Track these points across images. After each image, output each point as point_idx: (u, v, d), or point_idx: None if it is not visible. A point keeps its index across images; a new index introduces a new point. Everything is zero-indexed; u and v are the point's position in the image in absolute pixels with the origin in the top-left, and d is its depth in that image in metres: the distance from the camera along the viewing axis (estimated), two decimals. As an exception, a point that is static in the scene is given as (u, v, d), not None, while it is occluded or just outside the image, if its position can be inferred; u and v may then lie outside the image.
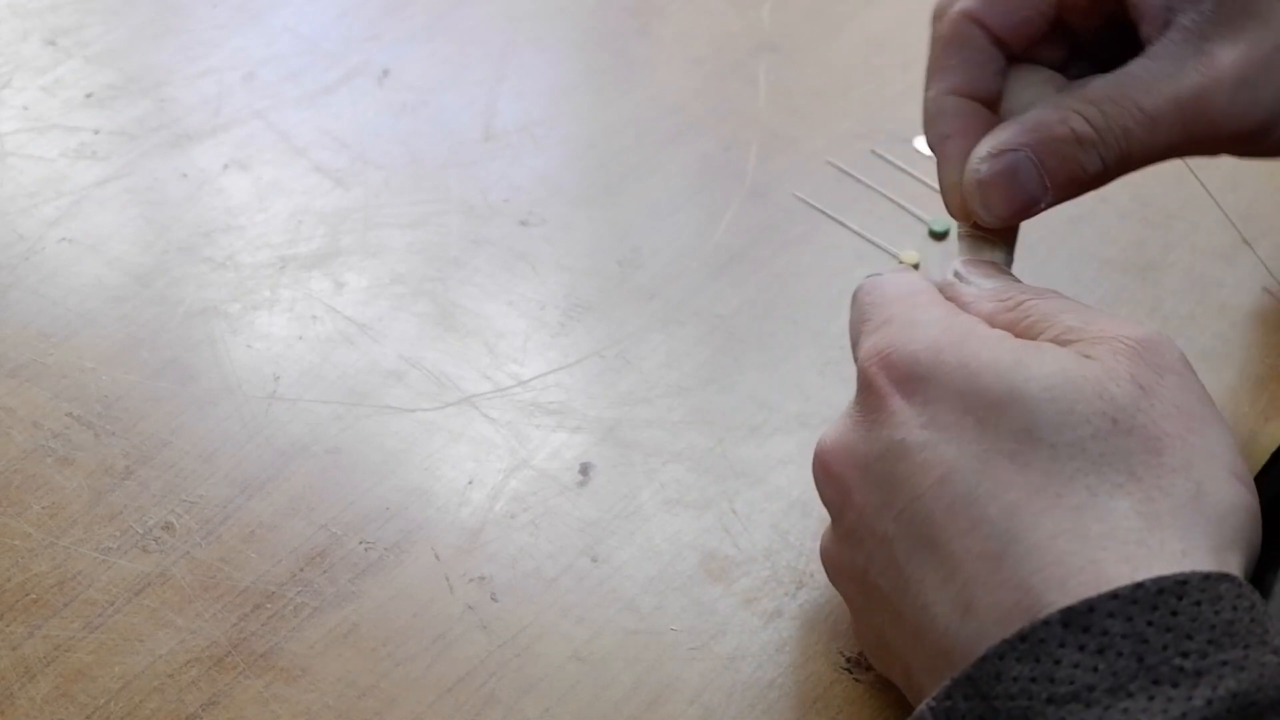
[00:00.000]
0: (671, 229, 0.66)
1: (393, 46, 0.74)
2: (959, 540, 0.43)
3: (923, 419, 0.45)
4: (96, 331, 0.61)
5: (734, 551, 0.55)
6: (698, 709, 0.51)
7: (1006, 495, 0.43)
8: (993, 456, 0.43)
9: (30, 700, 0.50)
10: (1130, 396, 0.43)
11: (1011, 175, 0.50)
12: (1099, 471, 0.42)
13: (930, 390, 0.45)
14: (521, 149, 0.70)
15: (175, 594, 0.53)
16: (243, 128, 0.69)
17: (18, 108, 0.70)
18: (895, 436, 0.45)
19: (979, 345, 0.45)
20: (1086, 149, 0.50)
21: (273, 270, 0.64)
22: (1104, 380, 0.43)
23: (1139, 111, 0.50)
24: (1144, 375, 0.43)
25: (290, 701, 0.50)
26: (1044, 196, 0.50)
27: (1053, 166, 0.50)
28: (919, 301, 0.48)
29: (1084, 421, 0.43)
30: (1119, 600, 0.39)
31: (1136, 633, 0.39)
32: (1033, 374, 0.43)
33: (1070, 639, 0.39)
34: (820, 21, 0.76)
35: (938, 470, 0.44)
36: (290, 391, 0.59)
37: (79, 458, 0.57)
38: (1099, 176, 0.50)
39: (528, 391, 0.60)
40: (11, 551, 0.54)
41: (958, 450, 0.44)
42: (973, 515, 0.43)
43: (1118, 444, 0.42)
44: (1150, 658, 0.39)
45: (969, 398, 0.44)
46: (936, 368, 0.45)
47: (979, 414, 0.44)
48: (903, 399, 0.45)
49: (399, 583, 0.54)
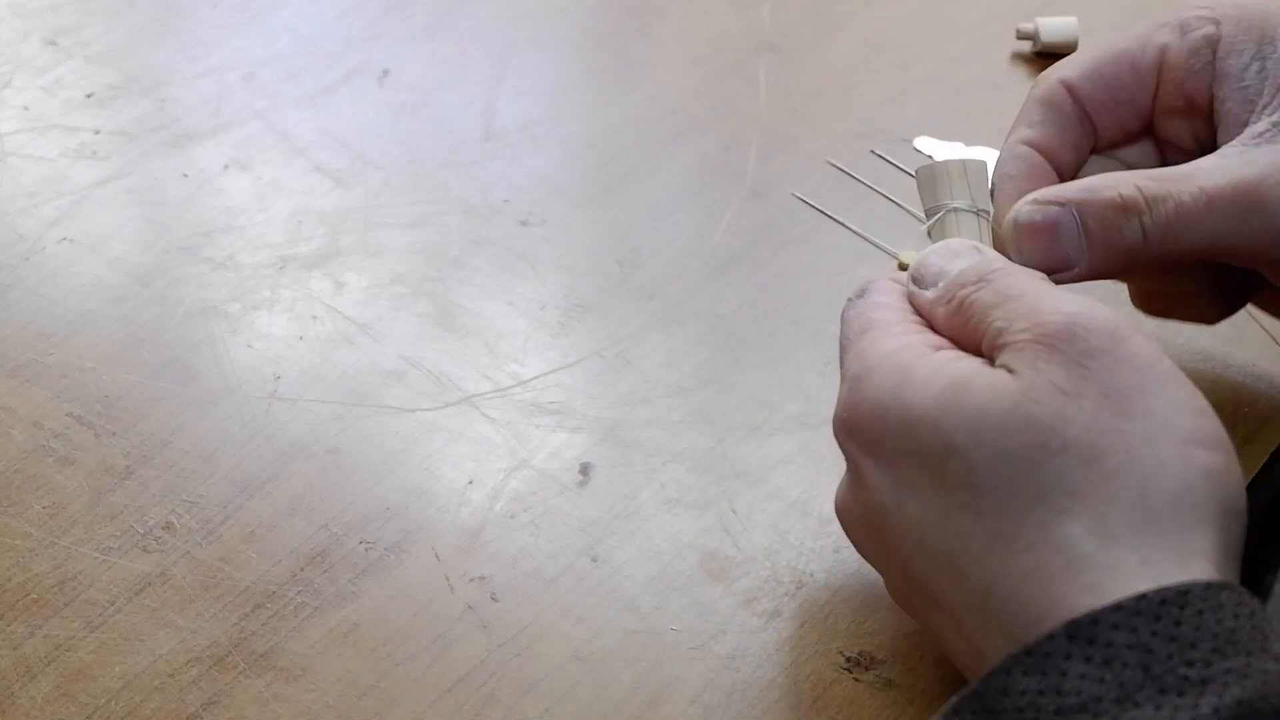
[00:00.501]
0: (671, 229, 0.66)
1: (393, 46, 0.74)
2: (951, 595, 0.44)
3: (890, 479, 0.46)
4: (97, 331, 0.61)
5: (734, 551, 0.55)
6: (698, 709, 0.51)
7: (973, 546, 0.43)
8: (951, 511, 0.44)
9: (31, 700, 0.50)
10: (1053, 411, 0.43)
11: (1052, 228, 0.50)
12: (1045, 502, 0.42)
13: (886, 450, 0.46)
14: (521, 149, 0.70)
15: (176, 594, 0.53)
16: (243, 128, 0.69)
17: (18, 108, 0.70)
18: (874, 499, 0.46)
19: (914, 395, 0.45)
20: (1129, 217, 0.50)
21: (273, 270, 0.64)
22: (1025, 404, 0.43)
23: (1196, 189, 0.50)
24: (1065, 376, 0.43)
25: (290, 701, 0.50)
26: (1079, 260, 0.50)
27: (1092, 228, 0.50)
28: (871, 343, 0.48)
29: (1015, 457, 0.43)
30: (1122, 611, 0.40)
31: (1141, 643, 0.39)
32: (959, 422, 0.44)
33: (1075, 650, 0.40)
34: (820, 21, 0.76)
35: (915, 531, 0.45)
36: (290, 391, 0.59)
37: (79, 458, 0.57)
38: (1139, 249, 0.50)
39: (528, 391, 0.60)
40: (12, 551, 0.54)
41: (923, 508, 0.45)
42: (953, 571, 0.44)
43: (1053, 467, 0.42)
44: (1156, 667, 0.39)
45: (916, 455, 0.45)
46: (885, 428, 0.46)
47: (930, 469, 0.44)
48: (870, 461, 0.46)
49: (399, 582, 0.54)
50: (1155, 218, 0.50)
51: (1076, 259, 0.50)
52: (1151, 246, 0.50)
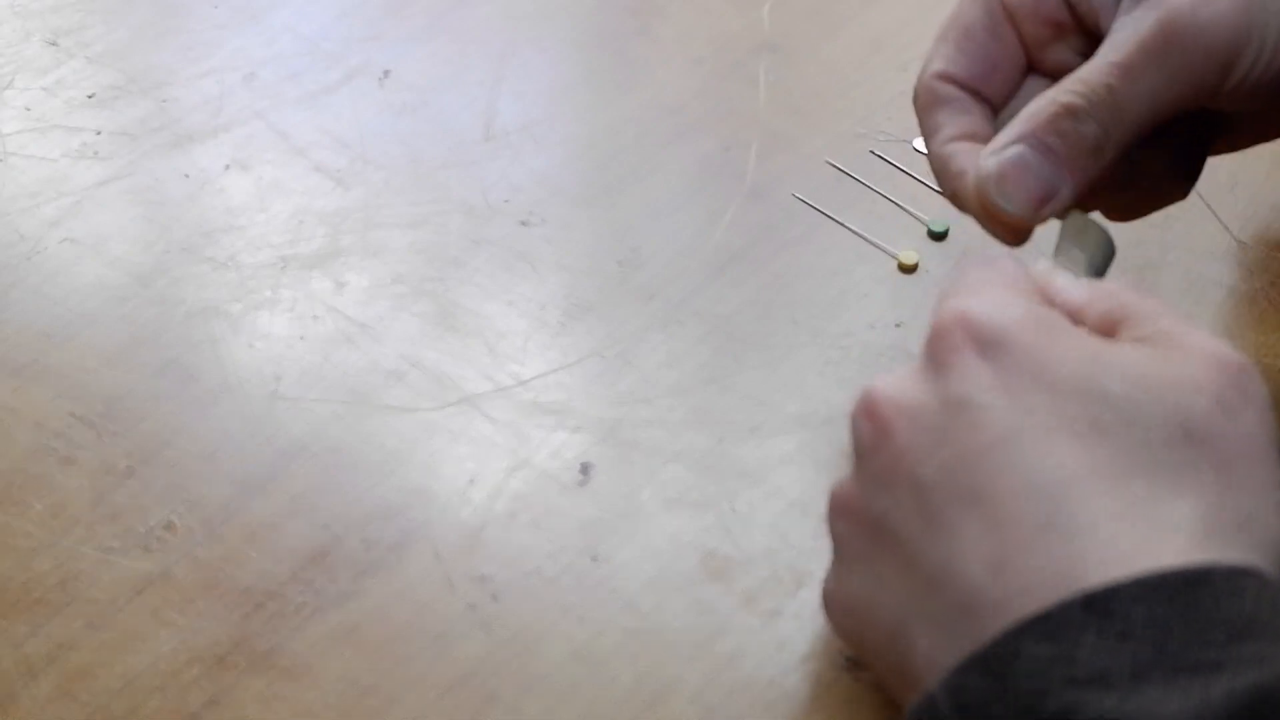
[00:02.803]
0: (671, 229, 0.66)
1: (393, 46, 0.74)
2: (1007, 501, 0.42)
3: (993, 381, 0.44)
4: (98, 331, 0.61)
5: (734, 551, 0.55)
6: (698, 709, 0.51)
7: (1064, 469, 0.42)
8: (1058, 434, 0.42)
9: (32, 699, 0.50)
10: (1209, 412, 0.42)
11: (1021, 164, 0.50)
12: (1166, 473, 0.41)
13: (1007, 358, 0.44)
14: (521, 149, 0.70)
15: (177, 593, 0.53)
16: (243, 128, 0.70)
17: (19, 108, 0.70)
18: (959, 390, 0.44)
19: (1064, 335, 0.44)
20: (1080, 118, 0.50)
21: (273, 270, 0.64)
22: (1185, 390, 0.42)
23: (1112, 66, 0.50)
24: (1229, 397, 0.43)
25: (292, 700, 0.50)
26: (1061, 180, 0.50)
27: (1055, 145, 0.50)
28: (1015, 286, 0.47)
29: (1157, 425, 0.42)
30: (1142, 586, 0.39)
31: (1158, 620, 0.39)
32: (1113, 371, 0.43)
33: (1091, 622, 0.39)
34: (820, 21, 0.76)
35: (997, 431, 0.43)
36: (291, 391, 0.60)
37: (81, 457, 0.57)
38: (1103, 142, 0.50)
39: (528, 391, 0.60)
40: (14, 551, 0.54)
41: (1023, 419, 0.43)
42: (1026, 480, 0.42)
43: (1187, 454, 0.42)
44: (1171, 646, 0.38)
45: (1045, 376, 0.43)
46: (1019, 340, 0.44)
47: (1052, 394, 0.43)
48: (976, 356, 0.44)
49: (400, 582, 0.54)
50: (1097, 107, 0.50)
51: (1058, 181, 0.50)
52: (1110, 136, 0.50)
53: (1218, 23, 0.50)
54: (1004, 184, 0.51)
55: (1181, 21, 0.50)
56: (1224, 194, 0.68)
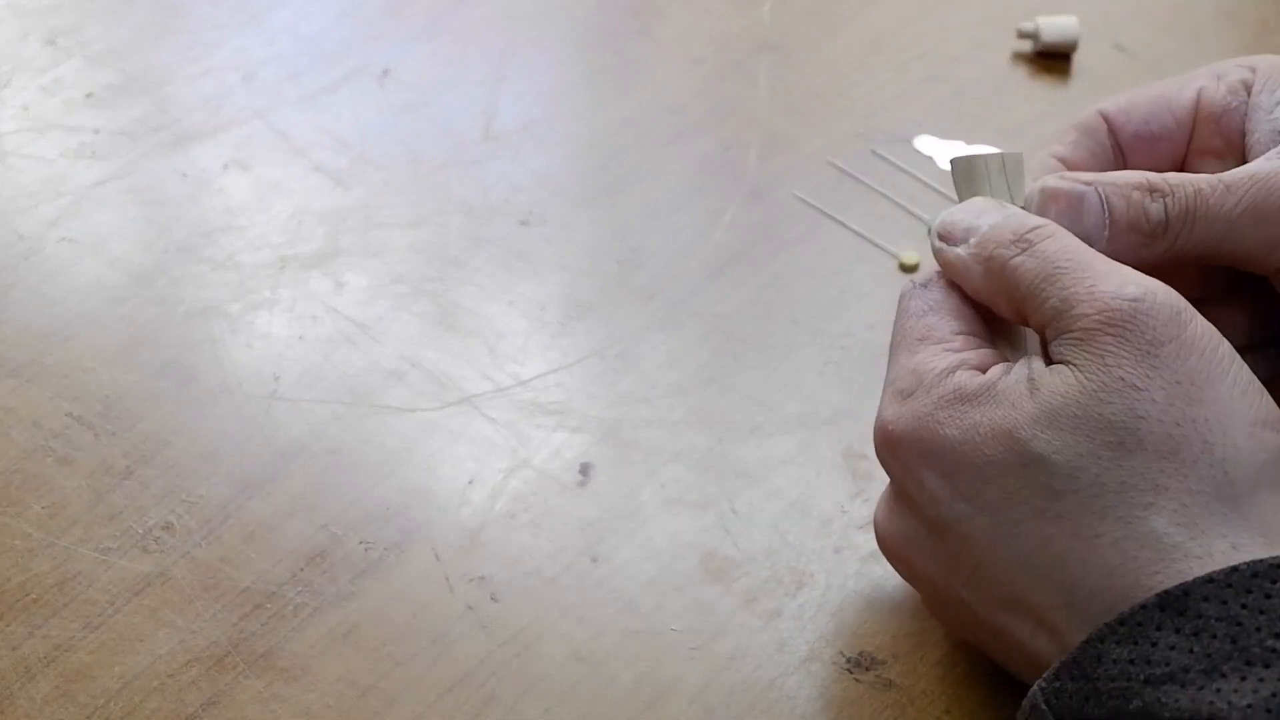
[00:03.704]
0: (671, 229, 0.66)
1: (393, 46, 0.74)
2: (1029, 598, 0.45)
3: (949, 492, 0.46)
4: (97, 331, 0.61)
5: (734, 551, 0.55)
6: (698, 709, 0.51)
7: (1052, 548, 0.44)
8: (1026, 519, 0.44)
9: (30, 700, 0.50)
10: (1125, 409, 0.43)
11: (1076, 198, 0.50)
12: (1126, 499, 0.43)
13: (945, 464, 0.46)
14: (521, 149, 0.70)
15: (175, 594, 0.53)
16: (243, 128, 0.69)
17: (18, 108, 0.70)
18: (929, 514, 0.47)
19: (976, 413, 0.46)
20: (1154, 197, 0.50)
21: (273, 270, 0.64)
22: (1096, 406, 0.43)
23: (1216, 180, 0.50)
24: (1135, 368, 0.43)
25: (290, 701, 0.50)
26: (1099, 236, 0.50)
27: (1116, 205, 0.50)
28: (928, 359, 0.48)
29: (1093, 460, 0.43)
30: (1214, 584, 0.41)
31: (1230, 615, 0.40)
32: (1033, 432, 0.44)
33: (1166, 622, 0.41)
34: (820, 21, 0.76)
35: (983, 539, 0.45)
36: (290, 391, 0.59)
37: (79, 458, 0.57)
38: (1159, 232, 0.50)
39: (528, 391, 0.60)
40: (12, 551, 0.54)
41: (993, 519, 0.45)
42: (1030, 576, 0.45)
43: (1132, 465, 0.43)
44: (1244, 639, 0.40)
45: (983, 469, 0.45)
46: (941, 443, 0.46)
47: (999, 483, 0.45)
48: (923, 475, 0.47)
49: (399, 583, 0.54)
50: (1176, 199, 0.50)
51: (1096, 236, 0.50)
52: (1171, 229, 0.50)
53: None
54: (1048, 203, 0.51)
55: None
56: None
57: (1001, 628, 0.47)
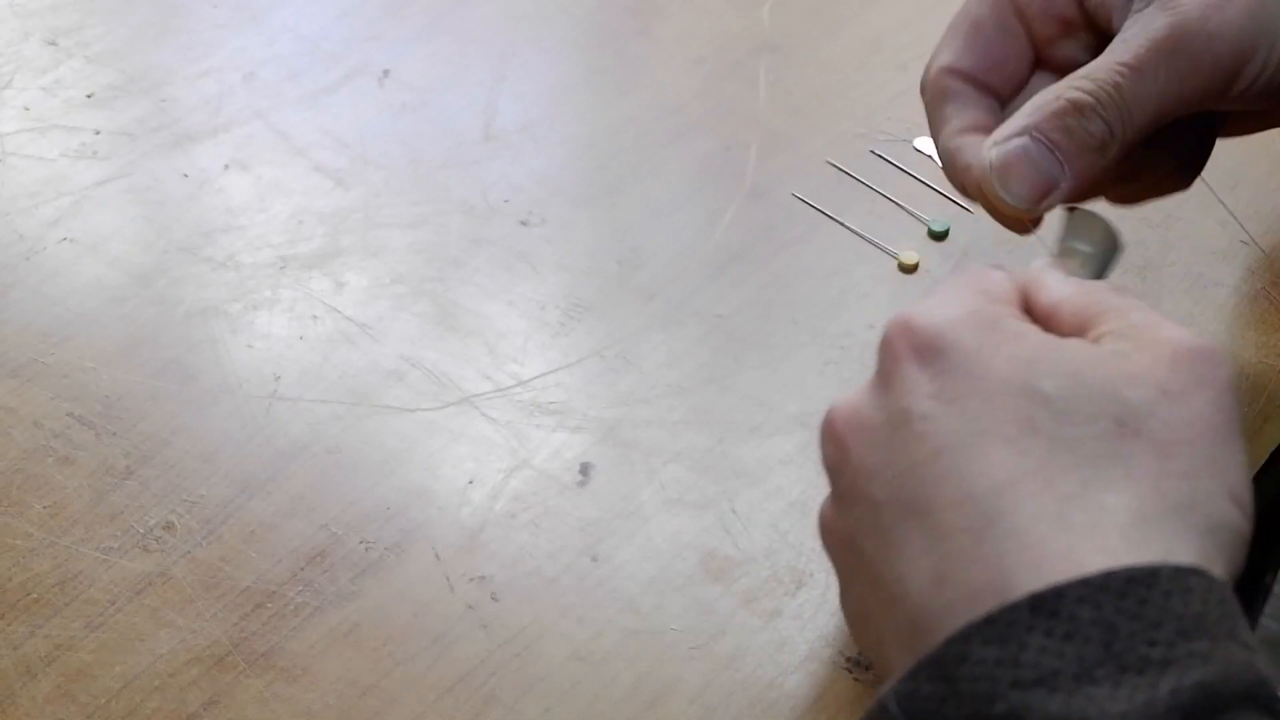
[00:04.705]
0: (671, 229, 0.66)
1: (393, 46, 0.74)
2: (945, 512, 0.43)
3: (931, 389, 0.44)
4: (97, 331, 0.61)
5: (734, 551, 0.55)
6: (698, 709, 0.51)
7: (996, 475, 0.42)
8: (991, 437, 0.43)
9: (31, 699, 0.50)
10: (1146, 402, 0.43)
11: (1023, 156, 0.51)
12: (1094, 467, 0.42)
13: (945, 363, 0.44)
14: (521, 149, 0.70)
15: (176, 593, 0.53)
16: (243, 128, 0.70)
17: (19, 108, 0.70)
18: (901, 403, 0.45)
19: (1004, 334, 0.45)
20: (1087, 115, 0.50)
21: (273, 270, 0.64)
22: (1121, 384, 0.43)
23: (1122, 66, 0.51)
24: (1175, 383, 0.43)
25: (291, 701, 0.50)
26: (1062, 174, 0.51)
27: (1060, 140, 0.51)
28: (982, 289, 0.47)
29: (1088, 420, 0.42)
30: (1088, 586, 0.39)
31: (1104, 619, 0.39)
32: (1050, 369, 0.43)
33: (1038, 623, 0.39)
34: (820, 21, 0.76)
35: (936, 441, 0.43)
36: (291, 391, 0.59)
37: (80, 457, 0.57)
38: (1108, 141, 0.51)
39: (528, 391, 0.60)
40: (13, 551, 0.54)
41: (958, 425, 0.43)
42: (962, 490, 0.42)
43: (1120, 446, 0.42)
44: (1117, 645, 0.38)
45: (980, 380, 0.44)
46: (955, 343, 0.45)
47: (985, 396, 0.43)
48: (916, 366, 0.45)
49: (399, 582, 0.54)
50: (1105, 105, 0.50)
51: (1059, 175, 0.51)
52: (1115, 134, 0.51)
53: (1226, 30, 0.51)
54: (1006, 175, 0.51)
55: (1191, 27, 0.50)
56: (1225, 193, 0.68)
57: (890, 541, 0.44)
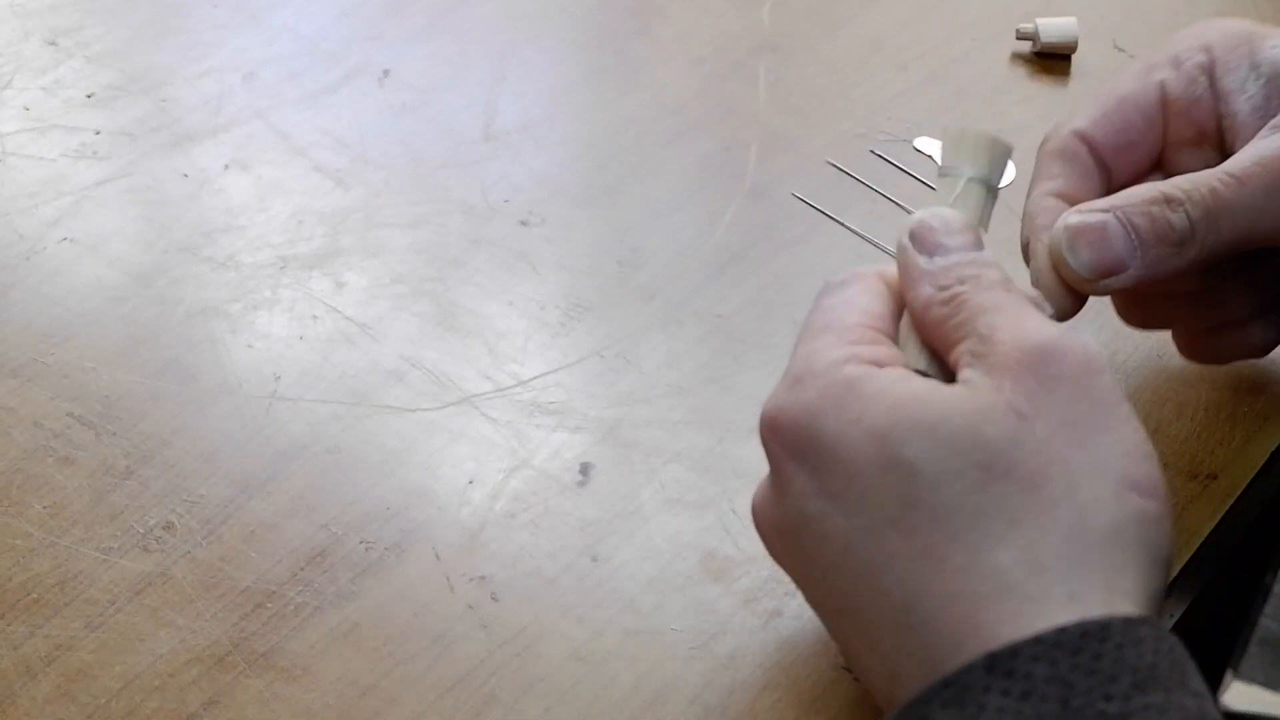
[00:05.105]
0: (671, 229, 0.66)
1: (393, 46, 0.74)
2: (869, 611, 0.44)
3: (813, 488, 0.45)
4: (97, 331, 0.61)
5: (734, 551, 0.55)
6: (698, 709, 0.51)
7: (897, 565, 0.43)
8: (879, 527, 0.43)
9: (31, 699, 0.50)
10: (1005, 434, 0.42)
11: (1100, 229, 0.51)
12: (979, 526, 0.42)
13: (815, 456, 0.45)
14: (521, 149, 0.70)
15: (176, 593, 0.53)
16: (243, 128, 0.70)
17: (19, 108, 0.70)
18: (795, 505, 0.46)
19: (859, 405, 0.44)
20: (1174, 207, 0.51)
21: (273, 270, 0.64)
22: (979, 424, 0.43)
23: (1225, 174, 0.51)
24: (1024, 399, 0.43)
25: (291, 701, 0.50)
26: (1133, 258, 0.51)
27: (1140, 224, 0.51)
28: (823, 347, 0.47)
29: (958, 477, 0.42)
30: (1042, 644, 0.39)
31: (1060, 676, 0.39)
32: (910, 437, 0.43)
33: (994, 683, 0.39)
34: (820, 21, 0.76)
35: (837, 542, 0.44)
36: (291, 391, 0.59)
37: (80, 457, 0.57)
38: (1188, 239, 0.51)
39: (528, 391, 0.60)
40: (12, 551, 0.54)
41: (848, 523, 0.44)
42: (873, 588, 0.43)
43: (995, 492, 0.42)
44: (1075, 700, 0.39)
45: (849, 466, 0.44)
46: (819, 433, 0.45)
47: (862, 483, 0.44)
48: (794, 465, 0.46)
49: (399, 582, 0.54)
50: (1194, 205, 0.51)
51: (1130, 258, 0.51)
52: (1197, 236, 0.51)
53: None
54: (1076, 241, 0.52)
55: None
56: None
57: (844, 636, 0.46)
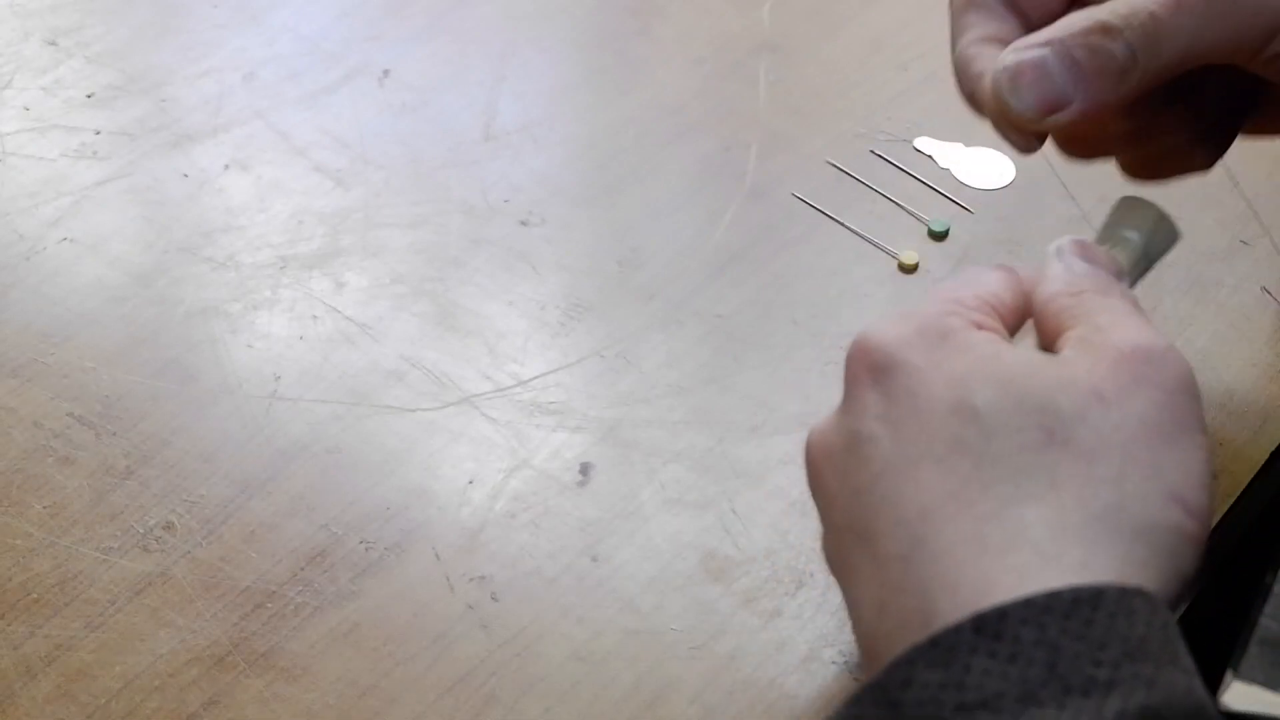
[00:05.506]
0: (671, 229, 0.66)
1: (393, 46, 0.74)
2: (883, 539, 0.43)
3: (878, 410, 0.45)
4: (97, 331, 0.61)
5: (734, 551, 0.55)
6: (698, 709, 0.51)
7: (923, 498, 0.42)
8: (922, 459, 0.43)
9: (32, 699, 0.50)
10: (1078, 408, 0.42)
11: (1039, 66, 0.50)
12: (1017, 481, 0.42)
13: (891, 383, 0.45)
14: (521, 149, 0.70)
15: (176, 593, 0.53)
16: (243, 128, 0.70)
17: (19, 108, 0.70)
18: (854, 426, 0.45)
19: (947, 350, 0.45)
20: (1113, 36, 0.49)
21: (273, 270, 0.64)
22: (1054, 391, 0.43)
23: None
24: (1112, 385, 0.43)
25: (291, 701, 0.50)
26: (1075, 93, 0.50)
27: (1080, 57, 0.49)
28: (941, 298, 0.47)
29: (1016, 432, 0.42)
30: (1032, 607, 0.39)
31: (1049, 640, 0.38)
32: (985, 383, 0.43)
33: (981, 645, 0.39)
34: (820, 21, 0.76)
35: (876, 465, 0.44)
36: (291, 391, 0.59)
37: (80, 457, 0.57)
38: (1129, 68, 0.49)
39: (528, 391, 0.60)
40: (13, 551, 0.54)
41: (894, 449, 0.44)
42: (894, 515, 0.43)
43: (1046, 456, 0.42)
44: (1062, 666, 0.38)
45: (920, 399, 0.44)
46: (902, 362, 0.45)
47: (923, 419, 0.44)
48: (869, 386, 0.45)
49: (399, 582, 0.54)
50: (1133, 31, 0.49)
51: (1073, 93, 0.50)
52: (1138, 63, 0.49)
53: None
54: (1017, 81, 0.50)
55: None
56: (1227, 191, 0.68)
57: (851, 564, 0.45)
